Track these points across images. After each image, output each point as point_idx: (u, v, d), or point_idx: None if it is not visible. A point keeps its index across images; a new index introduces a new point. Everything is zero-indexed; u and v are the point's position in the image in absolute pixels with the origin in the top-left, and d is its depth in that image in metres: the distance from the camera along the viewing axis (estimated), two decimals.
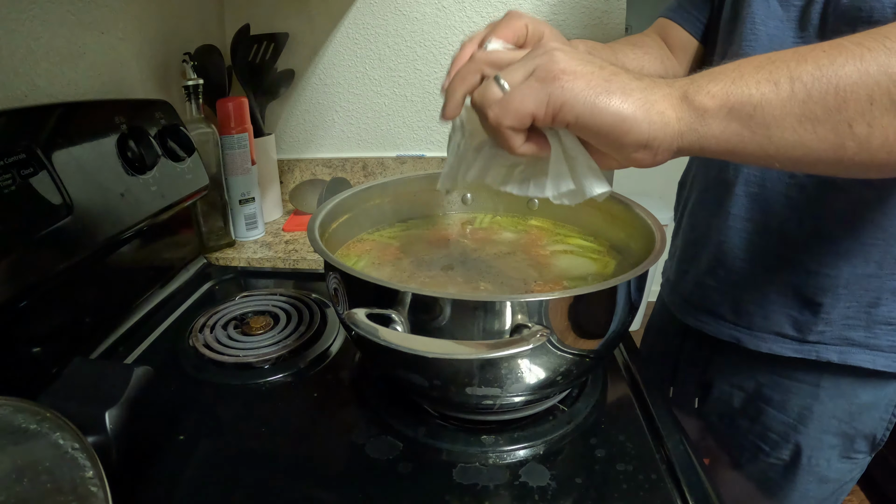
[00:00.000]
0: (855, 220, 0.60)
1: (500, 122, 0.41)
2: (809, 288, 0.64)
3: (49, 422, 0.40)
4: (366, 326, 0.45)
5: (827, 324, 0.64)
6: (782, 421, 0.70)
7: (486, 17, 1.11)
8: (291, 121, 1.24)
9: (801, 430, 0.69)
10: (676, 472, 0.51)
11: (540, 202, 0.78)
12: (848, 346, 0.64)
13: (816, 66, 0.37)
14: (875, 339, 0.63)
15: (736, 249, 0.68)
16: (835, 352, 0.65)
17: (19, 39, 0.66)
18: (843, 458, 0.70)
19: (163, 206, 0.78)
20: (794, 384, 0.68)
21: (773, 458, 0.72)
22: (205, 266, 0.97)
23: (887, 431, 0.69)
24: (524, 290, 0.61)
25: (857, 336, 0.64)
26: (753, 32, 0.62)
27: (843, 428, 0.68)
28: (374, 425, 0.58)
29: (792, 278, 0.65)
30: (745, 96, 0.38)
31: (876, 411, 0.67)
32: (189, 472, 0.53)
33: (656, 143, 0.40)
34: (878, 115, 0.37)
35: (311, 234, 0.58)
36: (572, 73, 0.39)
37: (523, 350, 0.43)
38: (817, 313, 0.64)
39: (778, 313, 0.66)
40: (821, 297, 0.63)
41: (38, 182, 0.59)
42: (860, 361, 0.64)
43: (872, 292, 0.62)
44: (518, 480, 0.51)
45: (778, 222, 0.64)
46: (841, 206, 0.60)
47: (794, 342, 0.66)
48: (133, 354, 0.72)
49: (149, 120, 0.79)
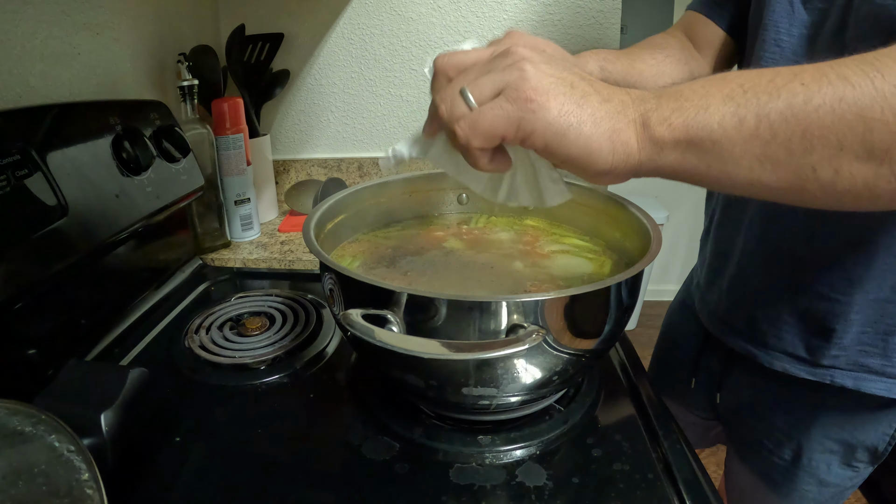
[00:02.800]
0: (866, 245, 0.58)
1: (468, 142, 0.40)
2: (821, 313, 0.62)
3: (44, 424, 0.40)
4: (361, 327, 0.45)
5: (841, 349, 0.63)
6: (786, 422, 0.70)
7: (481, 16, 1.12)
8: (287, 121, 1.24)
9: (804, 432, 0.69)
10: (673, 471, 0.52)
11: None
12: (864, 373, 0.63)
13: (788, 105, 0.35)
14: (892, 367, 0.61)
15: (752, 269, 0.68)
16: (849, 378, 0.63)
17: (14, 40, 0.66)
18: (844, 465, 0.70)
19: (158, 206, 0.78)
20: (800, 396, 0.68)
21: (776, 456, 0.72)
22: (200, 267, 0.96)
23: (889, 446, 0.68)
24: (520, 289, 0.61)
25: (873, 363, 0.62)
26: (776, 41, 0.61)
27: (844, 436, 0.68)
28: (371, 426, 0.58)
29: (804, 302, 0.63)
30: (705, 131, 0.37)
31: (879, 426, 0.66)
32: (185, 474, 0.53)
33: (617, 172, 0.40)
34: (846, 162, 0.35)
35: (306, 234, 0.58)
36: (545, 93, 0.38)
37: (519, 350, 0.43)
38: (830, 339, 0.63)
39: (791, 335, 0.65)
40: (833, 322, 0.62)
41: (32, 183, 0.59)
42: (876, 390, 0.63)
43: (888, 319, 0.60)
44: (515, 480, 0.51)
45: (788, 246, 0.63)
46: (851, 232, 0.59)
47: (807, 365, 0.65)
48: (129, 356, 0.72)
49: (144, 120, 0.79)
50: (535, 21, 1.11)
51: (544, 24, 1.11)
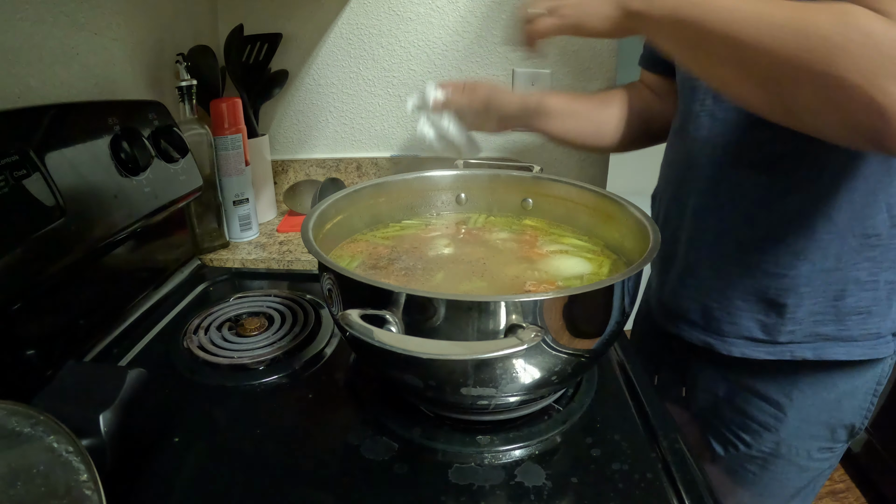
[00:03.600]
0: (806, 218, 0.61)
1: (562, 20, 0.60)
2: (771, 290, 0.65)
3: (43, 425, 0.40)
4: (360, 327, 0.45)
5: (795, 323, 0.65)
6: (764, 410, 0.71)
7: (479, 16, 1.12)
8: (285, 121, 1.24)
9: (782, 419, 0.70)
10: (672, 470, 0.52)
11: (535, 202, 0.78)
12: (822, 342, 0.65)
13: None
14: (847, 330, 0.64)
15: (700, 258, 0.70)
16: (809, 349, 0.66)
17: (12, 40, 0.66)
18: (823, 448, 0.71)
19: (156, 207, 0.78)
20: (772, 382, 0.69)
21: (755, 449, 0.73)
22: (199, 267, 0.96)
23: (865, 420, 0.70)
24: (519, 290, 0.61)
25: (828, 330, 0.64)
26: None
27: (823, 418, 0.69)
28: (370, 426, 0.58)
29: (752, 282, 0.66)
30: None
31: (854, 400, 0.68)
32: (184, 475, 0.53)
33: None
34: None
35: (304, 234, 0.57)
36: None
37: (518, 350, 0.43)
38: (783, 314, 0.65)
39: (745, 318, 0.67)
40: (783, 297, 0.64)
41: (31, 184, 0.59)
42: (836, 355, 0.65)
43: (836, 285, 0.63)
44: (514, 480, 0.51)
45: (731, 228, 0.66)
46: (790, 207, 0.61)
47: (765, 345, 0.67)
48: (127, 357, 0.72)
49: (142, 121, 0.79)
50: None
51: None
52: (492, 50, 1.14)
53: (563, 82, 1.15)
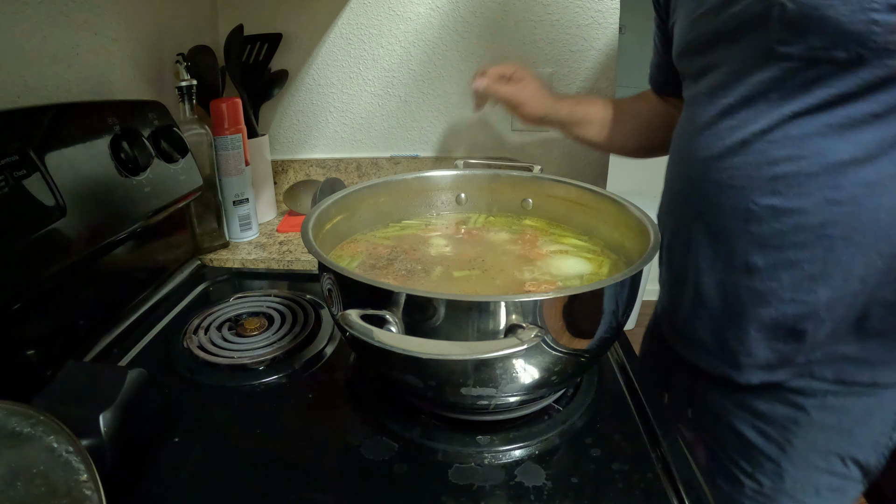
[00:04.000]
0: (822, 242, 0.57)
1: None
2: (790, 319, 0.61)
3: (43, 425, 0.40)
4: (360, 327, 0.45)
5: (815, 345, 0.61)
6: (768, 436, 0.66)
7: (479, 16, 1.12)
8: (285, 121, 1.24)
9: (786, 448, 0.65)
10: (672, 471, 0.52)
11: (535, 202, 0.78)
12: (842, 363, 0.61)
13: None
14: (869, 350, 0.60)
15: (711, 289, 0.66)
16: (829, 369, 0.62)
17: (11, 40, 0.66)
18: (833, 488, 0.66)
19: (156, 207, 0.78)
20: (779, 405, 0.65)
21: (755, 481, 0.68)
22: (199, 267, 0.96)
23: (882, 458, 0.64)
24: (519, 289, 0.61)
25: (850, 350, 0.61)
26: None
27: (832, 446, 0.64)
28: (370, 426, 0.58)
29: (769, 312, 0.62)
30: None
31: (868, 430, 0.63)
32: (184, 475, 0.53)
33: None
34: None
35: (304, 234, 0.57)
36: None
37: (518, 350, 0.43)
38: (802, 339, 0.61)
39: (762, 349, 0.63)
40: (803, 324, 0.60)
41: (31, 184, 0.59)
42: (859, 376, 0.61)
43: (858, 308, 0.59)
44: (514, 480, 0.51)
45: (742, 258, 0.61)
46: (803, 233, 0.57)
47: (783, 368, 0.64)
48: (127, 357, 0.72)
49: (142, 121, 0.79)
50: (534, 21, 1.11)
51: (543, 24, 1.11)
52: (492, 50, 1.14)
53: (563, 82, 1.15)
